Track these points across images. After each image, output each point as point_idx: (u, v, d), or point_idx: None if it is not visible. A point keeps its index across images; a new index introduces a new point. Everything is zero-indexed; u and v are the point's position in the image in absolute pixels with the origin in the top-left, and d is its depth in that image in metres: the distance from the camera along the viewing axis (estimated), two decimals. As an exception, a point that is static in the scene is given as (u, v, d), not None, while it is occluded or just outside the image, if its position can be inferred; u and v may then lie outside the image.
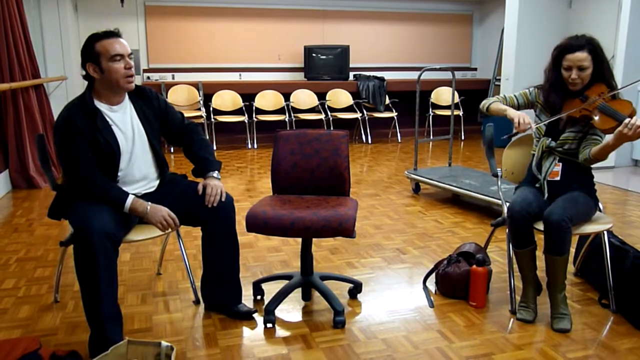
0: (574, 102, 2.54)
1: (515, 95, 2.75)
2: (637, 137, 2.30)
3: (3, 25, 4.88)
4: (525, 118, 2.51)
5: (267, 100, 7.54)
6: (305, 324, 2.51)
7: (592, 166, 2.63)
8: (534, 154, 2.67)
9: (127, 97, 2.42)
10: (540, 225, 2.47)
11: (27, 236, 3.74)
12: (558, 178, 2.58)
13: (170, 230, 2.38)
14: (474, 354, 2.24)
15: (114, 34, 2.29)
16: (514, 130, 2.61)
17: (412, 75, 7.95)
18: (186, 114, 3.60)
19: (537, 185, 2.63)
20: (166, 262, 3.22)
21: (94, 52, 2.25)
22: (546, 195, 2.57)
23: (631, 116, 2.37)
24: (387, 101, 7.97)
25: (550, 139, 2.59)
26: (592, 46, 2.48)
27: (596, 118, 2.45)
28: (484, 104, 2.79)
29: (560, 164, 2.59)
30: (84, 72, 2.31)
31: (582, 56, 2.45)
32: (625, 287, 2.56)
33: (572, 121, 2.57)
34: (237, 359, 2.20)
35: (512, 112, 2.59)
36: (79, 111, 2.26)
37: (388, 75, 8.17)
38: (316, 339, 2.37)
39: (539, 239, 2.49)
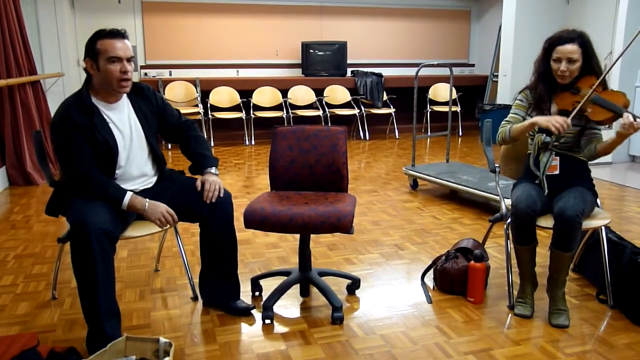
0: (565, 94, 2.55)
1: (514, 113, 2.68)
2: (636, 131, 2.32)
3: (-1, 21, 4.86)
4: (556, 119, 2.39)
5: (264, 96, 7.52)
6: (303, 320, 2.51)
7: (589, 161, 2.64)
8: (529, 153, 2.67)
9: (124, 95, 2.41)
10: (542, 222, 2.47)
11: (25, 233, 3.73)
12: (557, 172, 2.59)
13: (168, 226, 2.38)
14: (472, 349, 2.25)
15: (119, 35, 2.26)
16: (553, 138, 2.51)
17: (410, 72, 7.96)
18: (183, 111, 3.60)
19: (536, 181, 2.63)
20: (164, 259, 3.22)
21: (94, 49, 2.24)
22: (546, 190, 2.57)
23: (626, 106, 2.40)
24: (385, 97, 7.95)
25: (544, 135, 2.58)
26: (582, 40, 2.50)
27: (590, 110, 2.46)
28: (504, 134, 2.63)
29: (558, 157, 2.59)
30: (84, 65, 2.31)
31: (572, 48, 2.47)
32: (622, 282, 2.57)
33: (565, 114, 2.56)
34: (235, 355, 2.20)
35: (540, 121, 2.45)
36: (77, 108, 2.25)
37: (386, 72, 8.16)
38: (314, 334, 2.37)
39: (539, 235, 2.49)
